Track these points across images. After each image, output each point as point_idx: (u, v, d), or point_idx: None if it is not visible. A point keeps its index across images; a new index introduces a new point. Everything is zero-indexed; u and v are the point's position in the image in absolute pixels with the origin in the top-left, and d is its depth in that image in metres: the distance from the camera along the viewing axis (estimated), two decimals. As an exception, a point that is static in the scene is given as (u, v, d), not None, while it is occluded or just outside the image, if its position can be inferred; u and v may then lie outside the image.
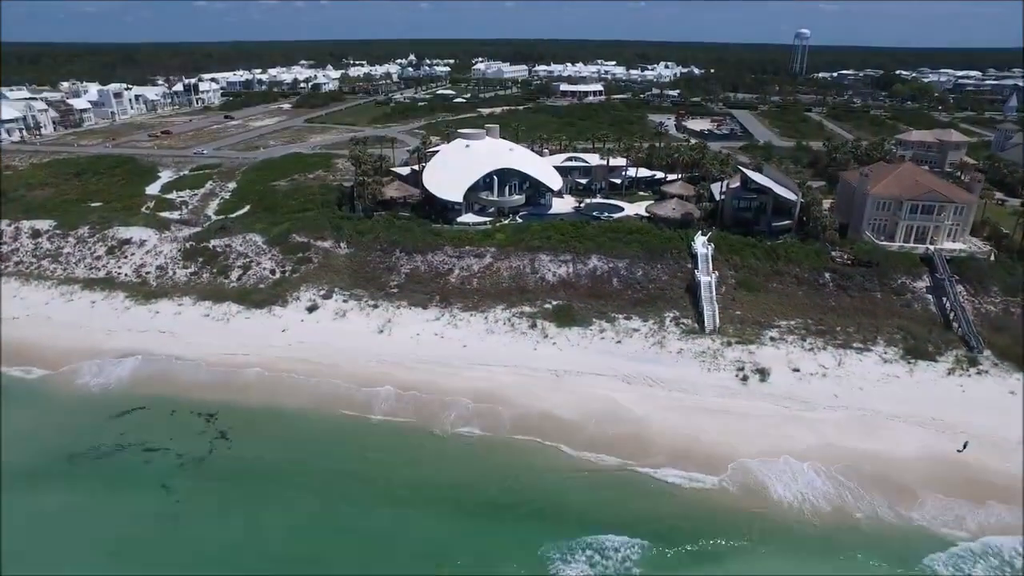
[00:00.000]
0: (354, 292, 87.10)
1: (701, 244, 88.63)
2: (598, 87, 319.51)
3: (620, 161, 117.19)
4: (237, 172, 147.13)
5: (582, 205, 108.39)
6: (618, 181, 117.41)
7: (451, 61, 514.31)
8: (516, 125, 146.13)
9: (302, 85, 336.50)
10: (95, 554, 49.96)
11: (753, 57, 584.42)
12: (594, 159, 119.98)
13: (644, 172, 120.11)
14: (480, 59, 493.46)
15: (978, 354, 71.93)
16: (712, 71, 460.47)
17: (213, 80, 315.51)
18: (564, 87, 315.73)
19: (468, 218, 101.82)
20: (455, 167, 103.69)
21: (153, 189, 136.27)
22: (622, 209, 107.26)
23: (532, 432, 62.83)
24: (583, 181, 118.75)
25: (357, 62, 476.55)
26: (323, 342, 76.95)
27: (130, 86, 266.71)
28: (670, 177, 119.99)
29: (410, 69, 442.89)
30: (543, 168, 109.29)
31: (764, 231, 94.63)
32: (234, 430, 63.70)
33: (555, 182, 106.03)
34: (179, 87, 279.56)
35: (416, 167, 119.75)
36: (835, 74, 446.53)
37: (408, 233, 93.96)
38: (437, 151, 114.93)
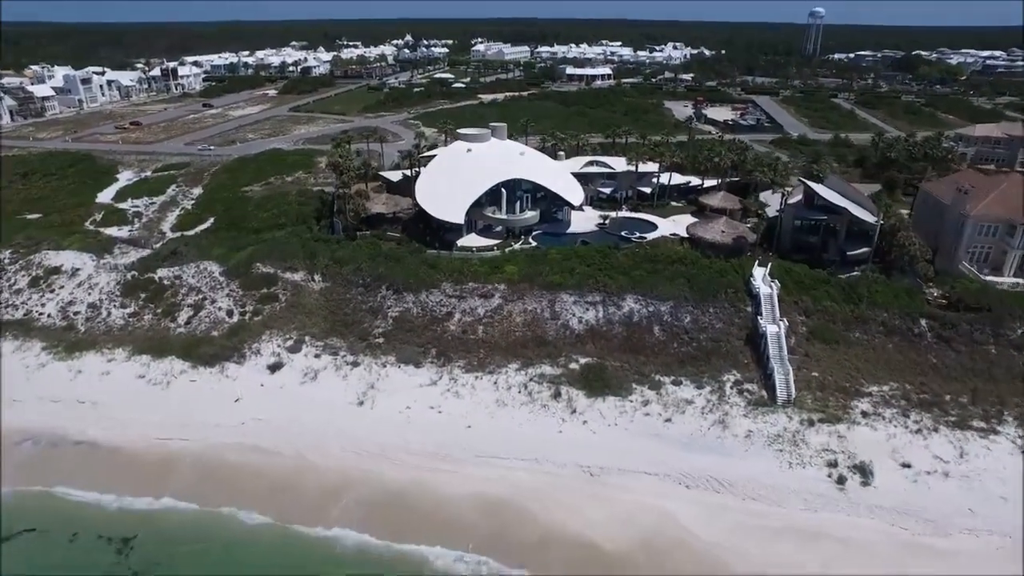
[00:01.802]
0: (329, 342, 69.64)
1: (763, 280, 71.06)
2: (606, 70, 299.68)
3: (650, 166, 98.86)
4: (206, 174, 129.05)
5: (607, 222, 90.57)
6: (648, 190, 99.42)
7: (449, 42, 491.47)
8: (525, 121, 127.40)
9: (291, 69, 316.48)
10: None
11: (764, 37, 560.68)
12: (619, 163, 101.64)
13: (677, 178, 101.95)
14: (480, 40, 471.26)
15: None
16: (723, 52, 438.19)
17: (195, 64, 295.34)
18: (570, 70, 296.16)
19: (471, 239, 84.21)
20: (455, 178, 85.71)
21: (107, 195, 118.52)
22: (655, 227, 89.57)
23: (562, 568, 45.81)
24: (606, 191, 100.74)
25: (351, 43, 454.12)
26: (287, 419, 59.59)
27: (103, 70, 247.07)
28: (707, 183, 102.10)
29: (406, 51, 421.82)
30: (560, 177, 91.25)
31: (834, 261, 77.03)
32: (157, 566, 46.61)
33: (576, 195, 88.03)
34: (156, 72, 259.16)
35: (408, 172, 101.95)
36: (852, 55, 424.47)
37: (397, 264, 76.12)
38: (434, 155, 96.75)
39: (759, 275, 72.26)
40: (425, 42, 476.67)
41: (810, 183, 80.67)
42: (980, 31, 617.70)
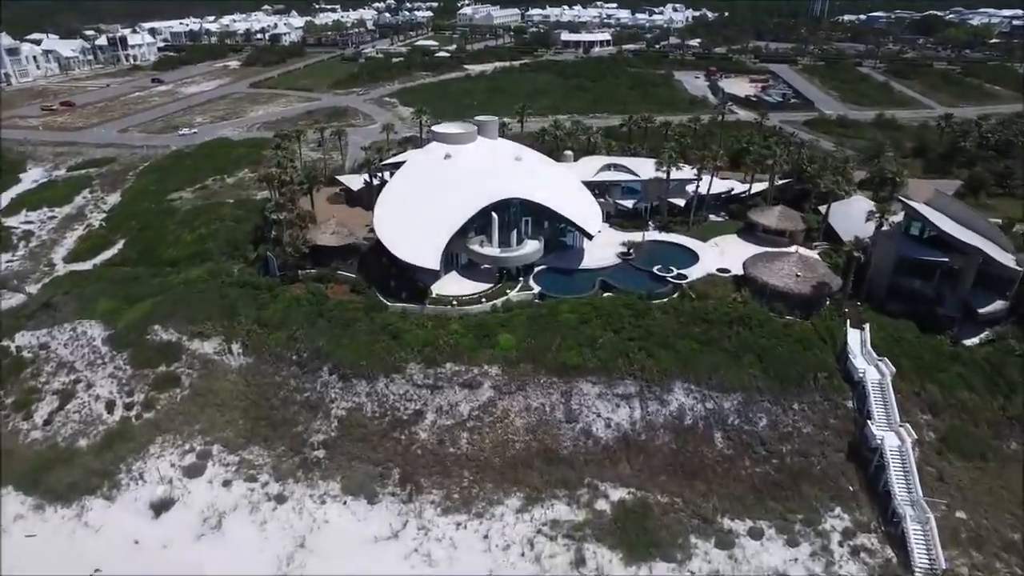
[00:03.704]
0: (246, 457, 48.09)
1: (868, 358, 49.75)
2: (605, 36, 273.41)
3: (685, 171, 75.95)
4: (130, 173, 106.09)
5: (631, 251, 68.26)
6: (682, 202, 77.10)
7: (434, 4, 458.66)
8: (521, 106, 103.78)
9: (258, 36, 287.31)
10: None
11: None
12: (643, 166, 78.70)
13: (717, 184, 79.35)
14: (466, 2, 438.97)
15: None
16: (726, 15, 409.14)
17: (151, 31, 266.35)
18: (565, 36, 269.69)
19: (450, 283, 62.07)
20: (428, 200, 63.04)
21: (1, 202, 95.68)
22: (696, 257, 67.55)
23: None
24: (628, 203, 78.30)
25: (328, 7, 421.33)
26: (161, 614, 38.42)
27: (41, 39, 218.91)
28: (755, 188, 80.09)
29: (386, 15, 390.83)
30: (571, 191, 68.82)
31: (954, 319, 55.55)
32: None
33: (592, 220, 65.58)
34: (102, 40, 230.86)
35: (367, 178, 79.31)
36: (864, 16, 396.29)
37: (345, 333, 53.98)
38: (401, 161, 73.71)
39: (859, 346, 51.01)
40: (408, 4, 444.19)
41: (920, 207, 58.22)
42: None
